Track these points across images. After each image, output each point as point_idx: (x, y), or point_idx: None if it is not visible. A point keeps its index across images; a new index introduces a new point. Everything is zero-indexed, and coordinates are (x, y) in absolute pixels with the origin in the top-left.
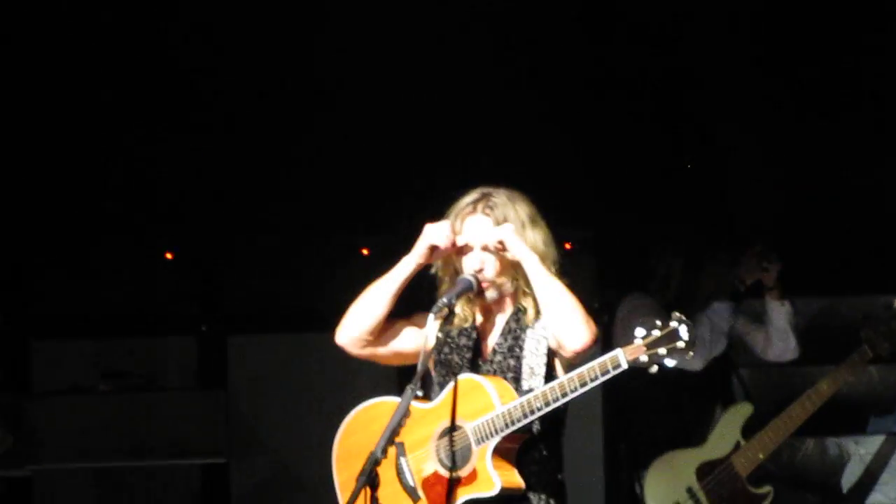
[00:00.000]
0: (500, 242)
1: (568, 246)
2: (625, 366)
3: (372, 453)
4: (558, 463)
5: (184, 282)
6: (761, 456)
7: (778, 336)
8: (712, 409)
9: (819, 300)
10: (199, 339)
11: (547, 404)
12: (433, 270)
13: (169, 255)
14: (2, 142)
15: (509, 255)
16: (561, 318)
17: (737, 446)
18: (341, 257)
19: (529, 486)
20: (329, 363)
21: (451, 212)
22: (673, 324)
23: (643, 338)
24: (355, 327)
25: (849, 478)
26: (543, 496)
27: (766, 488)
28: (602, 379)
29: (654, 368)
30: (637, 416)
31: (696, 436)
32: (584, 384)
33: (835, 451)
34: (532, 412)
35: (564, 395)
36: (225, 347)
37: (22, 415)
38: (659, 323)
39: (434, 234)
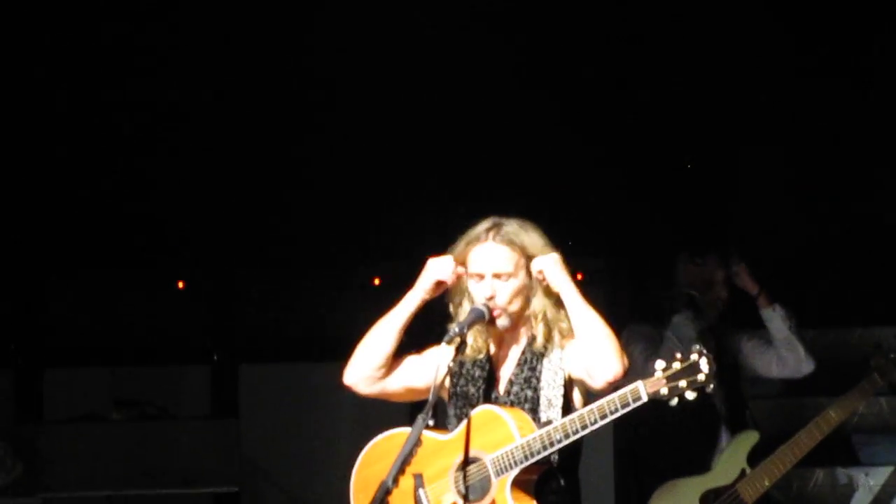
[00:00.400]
0: (540, 271)
1: (580, 276)
2: (645, 398)
3: (383, 482)
4: (576, 494)
5: (196, 311)
6: (767, 483)
7: (783, 346)
8: (718, 438)
9: (829, 331)
10: (212, 369)
11: (567, 436)
12: (445, 300)
13: (181, 285)
14: (16, 172)
15: (550, 283)
16: (596, 349)
17: (742, 474)
18: (353, 286)
19: None
20: (341, 392)
21: (463, 240)
22: (693, 357)
23: (663, 370)
24: (363, 365)
25: None
26: None
27: None
28: (622, 411)
29: (675, 401)
30: (643, 445)
31: (701, 464)
32: (604, 416)
33: (844, 481)
34: (552, 444)
35: (584, 427)
36: (237, 376)
37: (34, 443)
38: (679, 355)
39: (438, 268)
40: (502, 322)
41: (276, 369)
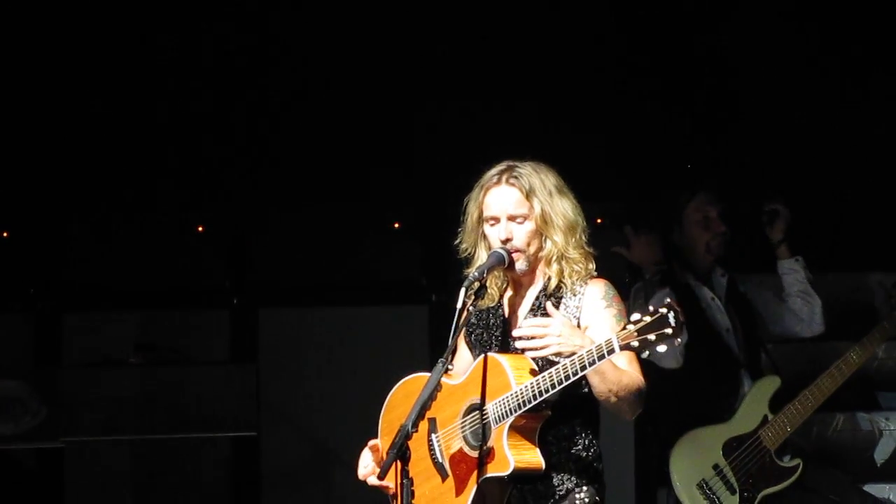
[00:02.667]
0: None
1: (599, 221)
2: (618, 350)
3: (402, 426)
4: (585, 441)
5: (215, 255)
6: (789, 429)
7: (800, 298)
8: (739, 385)
9: (848, 275)
10: (231, 313)
11: (553, 386)
12: (463, 246)
13: (200, 228)
14: (37, 118)
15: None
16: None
17: (764, 420)
18: (373, 230)
19: (551, 466)
20: (361, 336)
21: (477, 185)
22: (662, 310)
23: (634, 323)
24: None
25: (880, 454)
26: (566, 475)
27: (795, 461)
28: (599, 363)
29: (646, 354)
30: (663, 394)
31: (723, 412)
32: (583, 367)
33: (866, 426)
34: (541, 393)
35: (567, 377)
36: (256, 321)
37: (53, 387)
38: (651, 308)
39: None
40: (520, 266)
41: (296, 314)
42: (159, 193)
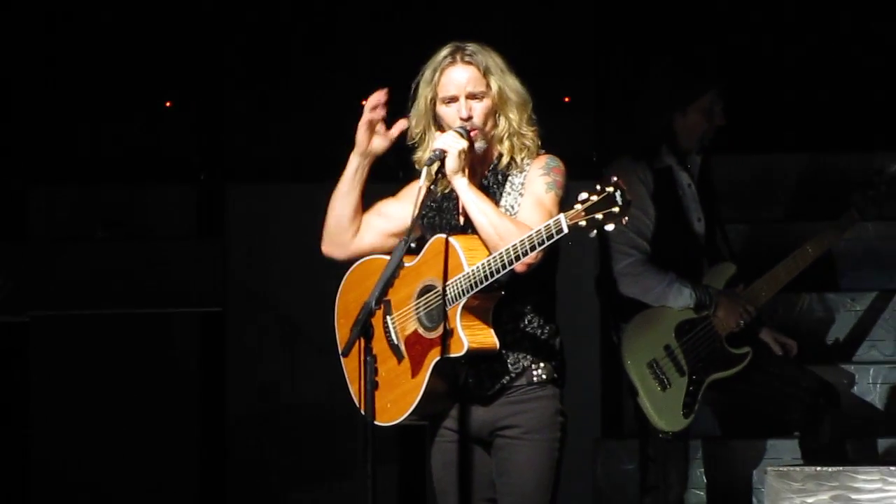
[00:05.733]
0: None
1: (567, 99)
2: (566, 230)
3: (366, 303)
4: (540, 320)
5: (183, 129)
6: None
7: None
8: (701, 273)
9: (811, 155)
10: (198, 188)
11: (504, 266)
12: (415, 130)
13: (168, 104)
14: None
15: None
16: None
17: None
18: (344, 105)
19: (506, 345)
20: None
21: (429, 68)
22: (609, 189)
23: (582, 202)
24: (328, 235)
25: (843, 333)
26: (521, 353)
27: (745, 349)
28: (548, 242)
29: (594, 233)
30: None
31: None
32: (533, 247)
33: (830, 306)
34: (493, 273)
35: (518, 257)
36: (224, 196)
37: (18, 261)
38: (598, 187)
39: (364, 116)
40: (479, 144)
41: (264, 189)
42: (127, 66)
